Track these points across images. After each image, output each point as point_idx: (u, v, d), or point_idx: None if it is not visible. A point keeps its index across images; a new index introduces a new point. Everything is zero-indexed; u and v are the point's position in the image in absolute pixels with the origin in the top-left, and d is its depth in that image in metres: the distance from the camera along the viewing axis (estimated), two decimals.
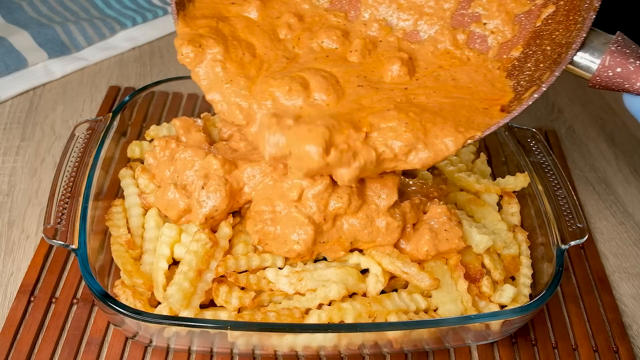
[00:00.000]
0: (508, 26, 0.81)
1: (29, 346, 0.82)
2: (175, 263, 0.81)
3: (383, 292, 0.81)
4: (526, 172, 0.95)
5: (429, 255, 0.81)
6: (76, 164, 0.88)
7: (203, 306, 0.79)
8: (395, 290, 0.82)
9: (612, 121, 1.36)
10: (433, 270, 0.82)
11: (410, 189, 0.91)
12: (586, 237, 0.85)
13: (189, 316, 0.75)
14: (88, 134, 0.93)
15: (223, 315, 0.77)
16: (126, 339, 0.84)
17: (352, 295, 0.81)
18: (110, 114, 0.97)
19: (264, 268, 0.81)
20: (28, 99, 1.26)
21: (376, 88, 0.78)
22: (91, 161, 0.88)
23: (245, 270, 0.81)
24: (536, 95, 0.69)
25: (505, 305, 0.82)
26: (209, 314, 0.77)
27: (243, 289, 0.80)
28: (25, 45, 1.33)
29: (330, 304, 0.78)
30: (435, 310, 0.81)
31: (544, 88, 0.68)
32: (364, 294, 0.81)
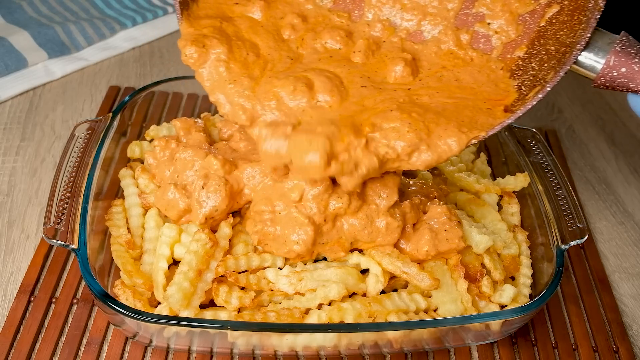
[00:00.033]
0: (512, 26, 0.81)
1: (29, 346, 0.82)
2: (175, 263, 0.81)
3: (383, 292, 0.81)
4: (526, 172, 0.95)
5: (429, 255, 0.81)
6: (76, 164, 0.88)
7: (203, 306, 0.79)
8: (395, 290, 0.82)
9: (612, 121, 1.36)
10: (433, 270, 0.82)
11: (410, 189, 0.91)
12: (586, 237, 0.85)
13: (189, 316, 0.75)
14: (88, 134, 0.93)
15: (223, 315, 0.77)
16: (126, 339, 0.84)
17: (352, 295, 0.81)
18: (110, 114, 0.97)
19: (264, 268, 0.81)
20: (28, 99, 1.26)
21: (379, 89, 0.77)
22: (91, 161, 0.88)
23: (245, 270, 0.81)
24: (540, 95, 0.68)
25: (505, 305, 0.82)
26: (209, 314, 0.77)
27: (243, 289, 0.80)
28: (25, 45, 1.33)
29: (330, 304, 0.78)
30: (435, 310, 0.81)
31: (548, 88, 0.68)
32: (364, 294, 0.81)
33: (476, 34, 0.83)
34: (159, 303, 0.78)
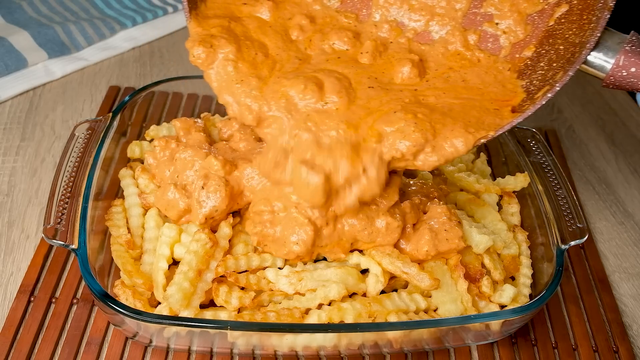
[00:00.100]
0: (520, 26, 0.80)
1: (29, 346, 0.82)
2: (175, 263, 0.81)
3: (383, 292, 0.81)
4: (526, 172, 0.95)
5: (429, 255, 0.81)
6: (76, 164, 0.88)
7: (203, 306, 0.79)
8: (395, 290, 0.82)
9: (612, 121, 1.36)
10: (433, 270, 0.82)
11: (410, 189, 0.91)
12: (586, 237, 0.85)
13: (189, 316, 0.75)
14: (88, 134, 0.93)
15: (223, 315, 0.77)
16: (126, 339, 0.84)
17: (352, 295, 0.81)
18: (110, 114, 0.97)
19: (264, 268, 0.81)
20: (28, 99, 1.26)
21: (386, 89, 0.77)
22: (91, 161, 0.88)
23: (245, 270, 0.81)
24: (549, 94, 0.68)
25: (505, 305, 0.82)
26: (209, 314, 0.77)
27: (243, 289, 0.80)
28: (25, 45, 1.33)
29: (330, 304, 0.78)
30: (435, 310, 0.81)
31: (557, 87, 0.68)
32: (364, 294, 0.81)
33: (484, 33, 0.82)
34: (159, 303, 0.78)
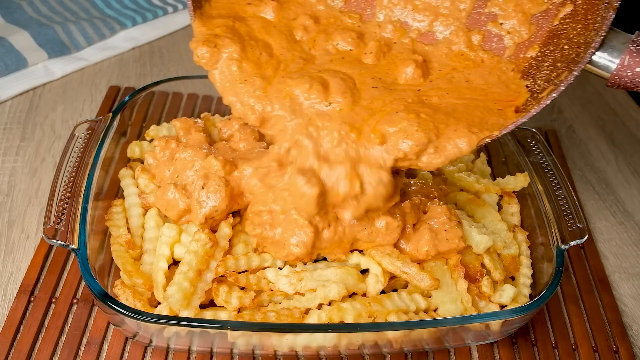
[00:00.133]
0: (524, 26, 0.80)
1: (29, 346, 0.82)
2: (175, 263, 0.81)
3: (383, 292, 0.81)
4: (526, 172, 0.95)
5: (429, 255, 0.81)
6: (76, 164, 0.88)
7: (203, 306, 0.79)
8: (395, 290, 0.82)
9: (612, 121, 1.36)
10: (433, 270, 0.82)
11: (410, 189, 0.91)
12: (586, 237, 0.84)
13: (189, 316, 0.75)
14: (88, 134, 0.93)
15: (223, 315, 0.77)
16: (126, 339, 0.84)
17: (352, 295, 0.81)
18: (110, 114, 0.97)
19: (264, 268, 0.81)
20: (28, 99, 1.26)
21: (390, 90, 0.77)
22: (91, 161, 0.88)
23: (245, 270, 0.81)
24: (554, 94, 0.68)
25: (505, 305, 0.82)
26: (209, 314, 0.77)
27: (243, 289, 0.80)
28: (25, 45, 1.33)
29: (330, 304, 0.78)
30: (435, 310, 0.81)
31: (562, 87, 0.68)
32: (364, 294, 0.81)
33: (488, 33, 0.82)
34: (159, 303, 0.78)
